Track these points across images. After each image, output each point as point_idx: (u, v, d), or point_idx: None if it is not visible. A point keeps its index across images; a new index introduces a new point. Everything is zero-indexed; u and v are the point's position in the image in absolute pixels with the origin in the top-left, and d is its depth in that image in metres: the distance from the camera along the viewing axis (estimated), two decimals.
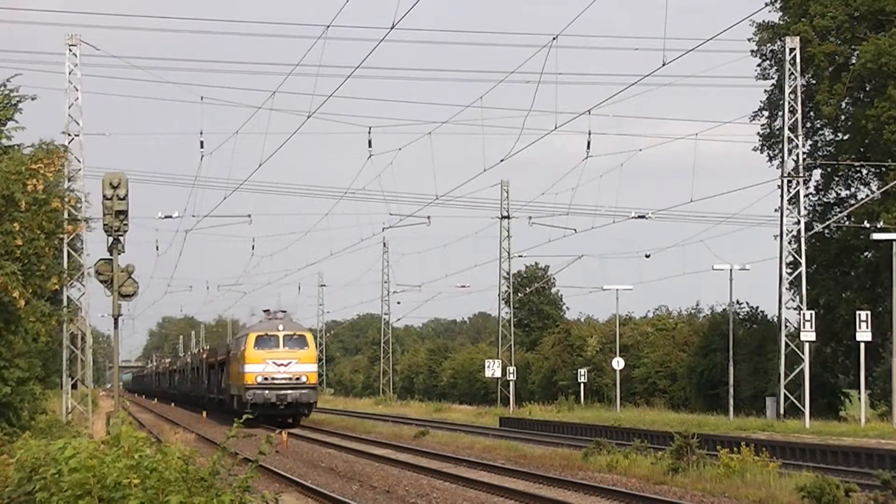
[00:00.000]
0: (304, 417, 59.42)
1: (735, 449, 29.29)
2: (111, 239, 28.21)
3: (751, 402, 68.10)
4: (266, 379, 56.66)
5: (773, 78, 68.36)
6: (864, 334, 52.71)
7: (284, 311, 61.26)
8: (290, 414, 58.23)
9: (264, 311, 61.89)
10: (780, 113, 62.89)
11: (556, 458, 34.79)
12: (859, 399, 57.89)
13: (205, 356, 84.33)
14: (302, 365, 57.22)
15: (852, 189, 68.93)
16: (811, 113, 66.38)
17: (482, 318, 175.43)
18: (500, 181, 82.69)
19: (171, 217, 60.49)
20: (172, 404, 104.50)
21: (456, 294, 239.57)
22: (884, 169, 62.83)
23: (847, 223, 64.32)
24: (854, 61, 64.98)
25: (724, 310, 77.12)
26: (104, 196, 27.75)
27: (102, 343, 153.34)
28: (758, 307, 78.20)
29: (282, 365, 56.84)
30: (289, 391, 56.67)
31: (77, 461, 13.99)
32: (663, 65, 31.65)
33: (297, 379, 56.88)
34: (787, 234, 59.37)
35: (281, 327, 58.00)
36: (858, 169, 66.59)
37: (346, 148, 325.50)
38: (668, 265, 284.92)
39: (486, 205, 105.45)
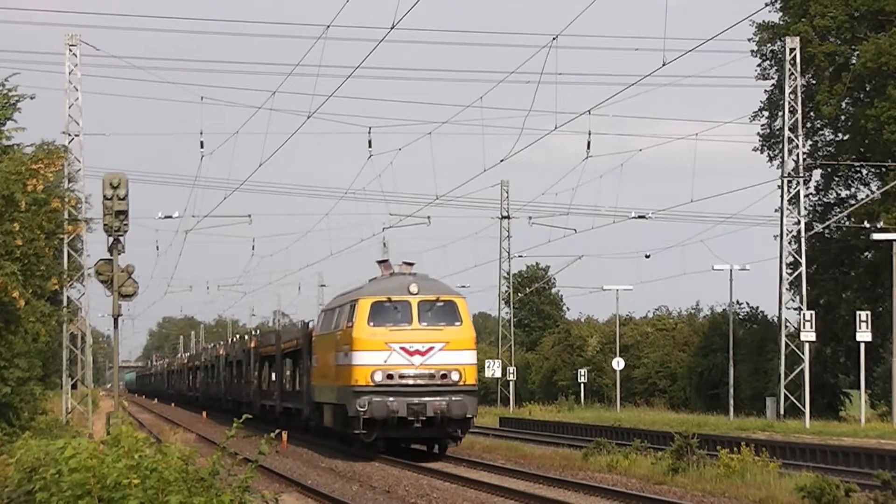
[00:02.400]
0: (455, 444, 36.63)
1: (735, 449, 29.29)
2: (111, 239, 28.22)
3: (751, 402, 68.11)
4: (390, 377, 34.57)
5: (773, 78, 68.40)
6: (864, 334, 52.72)
7: (412, 263, 37.75)
8: (432, 437, 36.14)
9: (380, 261, 38.89)
10: (780, 113, 62.89)
11: (556, 459, 34.78)
12: (860, 399, 57.91)
13: (253, 344, 61.68)
14: (452, 353, 34.89)
15: (852, 189, 69.02)
16: (811, 113, 66.38)
17: (482, 318, 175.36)
18: (500, 181, 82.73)
19: (171, 217, 60.44)
20: (172, 404, 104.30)
21: None
22: (884, 169, 62.84)
23: (847, 223, 64.33)
24: (854, 61, 64.99)
25: (724, 310, 77.19)
26: (104, 196, 27.78)
27: (102, 343, 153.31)
28: (758, 307, 78.30)
29: (417, 353, 34.80)
30: (428, 398, 34.52)
31: (77, 461, 14.00)
32: (663, 65, 31.64)
33: (444, 377, 34.65)
34: (787, 235, 59.37)
35: (414, 288, 35.23)
36: (858, 169, 66.61)
37: (346, 148, 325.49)
38: (668, 265, 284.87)
39: (486, 205, 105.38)
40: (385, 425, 34.63)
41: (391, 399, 34.34)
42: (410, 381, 34.56)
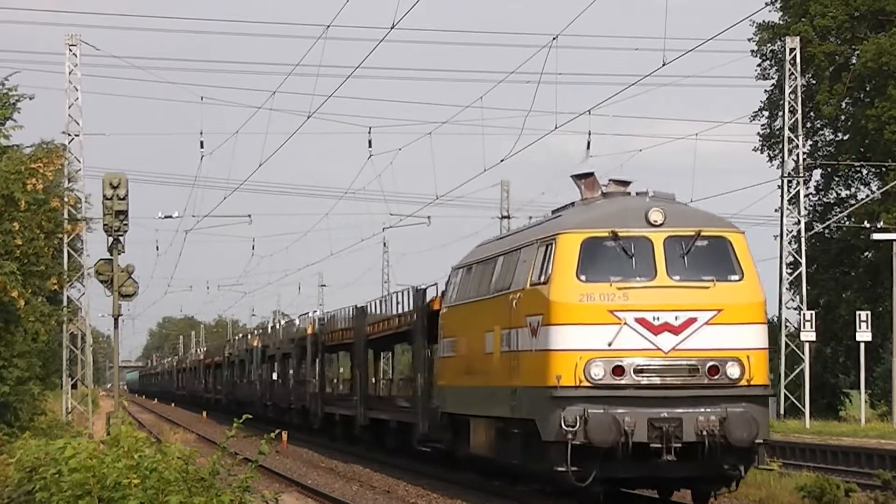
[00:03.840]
0: (729, 490, 21.60)
1: None
2: (111, 239, 28.20)
3: None
4: (619, 372, 20.27)
5: (773, 78, 68.37)
6: (864, 334, 52.65)
7: (628, 182, 23.22)
8: (691, 477, 21.01)
9: (579, 176, 23.51)
10: (780, 113, 62.87)
11: None
12: (860, 399, 57.92)
13: (311, 331, 48.46)
14: (727, 329, 20.60)
15: (852, 189, 69.04)
16: (811, 113, 66.39)
17: None
18: (500, 181, 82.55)
19: (171, 217, 60.27)
20: (172, 404, 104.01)
21: None
22: (884, 169, 62.85)
23: (847, 223, 64.33)
24: (854, 61, 65.02)
25: None
26: (104, 196, 27.77)
27: (102, 343, 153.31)
28: None
29: (666, 329, 20.46)
30: (687, 409, 20.24)
31: (77, 461, 14.03)
32: (663, 65, 31.52)
33: (714, 371, 20.37)
34: (787, 235, 59.34)
35: (656, 216, 20.97)
36: (858, 169, 66.62)
37: (346, 148, 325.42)
38: None
39: (486, 205, 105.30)
40: (610, 458, 20.02)
41: (621, 411, 20.00)
42: (655, 380, 20.33)
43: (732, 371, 20.39)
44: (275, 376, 58.94)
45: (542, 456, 20.91)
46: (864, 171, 66.99)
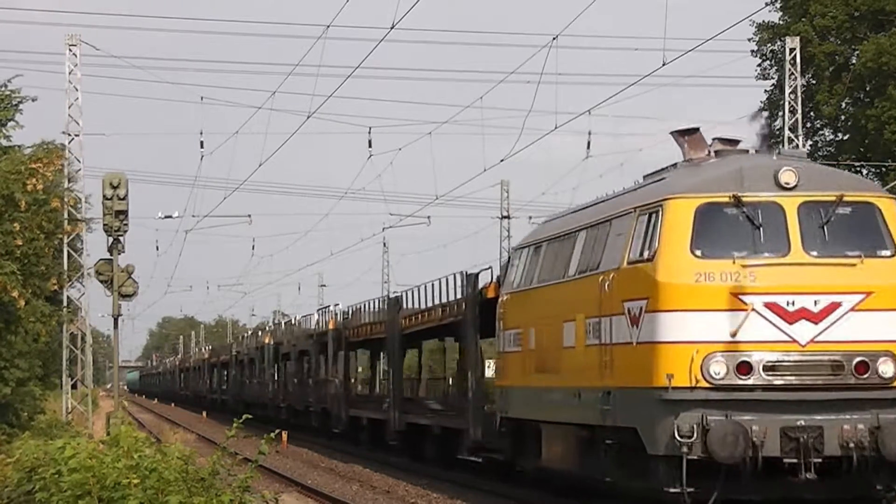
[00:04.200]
0: None
1: None
2: (111, 239, 28.22)
3: None
4: (745, 369, 16.31)
5: (773, 78, 68.40)
6: None
7: (737, 141, 19.61)
8: (831, 499, 16.58)
9: (682, 132, 19.36)
10: (781, 113, 62.92)
11: None
12: None
13: (333, 326, 44.63)
14: (878, 316, 16.59)
15: None
16: (811, 113, 66.43)
17: None
18: (500, 181, 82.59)
19: (171, 217, 60.19)
20: (172, 404, 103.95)
21: None
22: (884, 169, 62.91)
23: None
24: (854, 61, 65.07)
25: None
26: (104, 196, 27.79)
27: (102, 343, 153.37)
28: None
29: (802, 316, 16.48)
30: (829, 415, 16.33)
31: (76, 461, 14.05)
32: (663, 65, 31.49)
33: (863, 368, 16.41)
34: None
35: (788, 177, 16.99)
36: (858, 169, 66.56)
37: (346, 148, 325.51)
38: None
39: (486, 205, 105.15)
40: (734, 476, 16.30)
41: (749, 417, 16.30)
42: (791, 379, 16.58)
43: (885, 368, 16.61)
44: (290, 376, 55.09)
45: (645, 473, 17.05)
46: (864, 171, 66.98)
